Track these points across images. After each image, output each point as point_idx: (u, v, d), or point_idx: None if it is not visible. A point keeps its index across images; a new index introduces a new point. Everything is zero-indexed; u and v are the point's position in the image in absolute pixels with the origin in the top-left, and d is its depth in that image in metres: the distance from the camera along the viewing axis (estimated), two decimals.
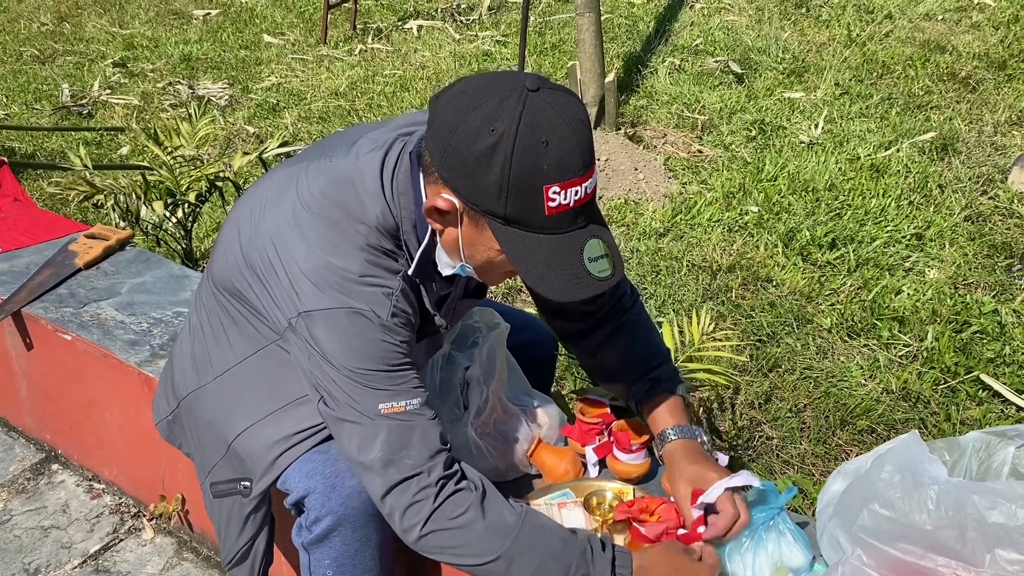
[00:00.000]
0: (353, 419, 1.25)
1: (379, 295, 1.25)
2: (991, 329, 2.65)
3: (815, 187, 3.49)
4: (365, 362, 1.24)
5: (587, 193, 1.14)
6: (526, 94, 1.10)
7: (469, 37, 5.37)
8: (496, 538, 1.24)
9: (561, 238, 1.15)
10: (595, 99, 3.98)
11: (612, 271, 1.18)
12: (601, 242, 1.18)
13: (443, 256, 1.28)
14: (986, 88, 4.49)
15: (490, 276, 1.29)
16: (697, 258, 3.06)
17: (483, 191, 1.12)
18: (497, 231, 1.15)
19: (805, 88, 4.51)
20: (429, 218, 1.22)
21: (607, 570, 1.23)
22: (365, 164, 1.28)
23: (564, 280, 1.16)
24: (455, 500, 1.23)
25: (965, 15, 5.69)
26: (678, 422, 1.46)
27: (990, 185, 3.56)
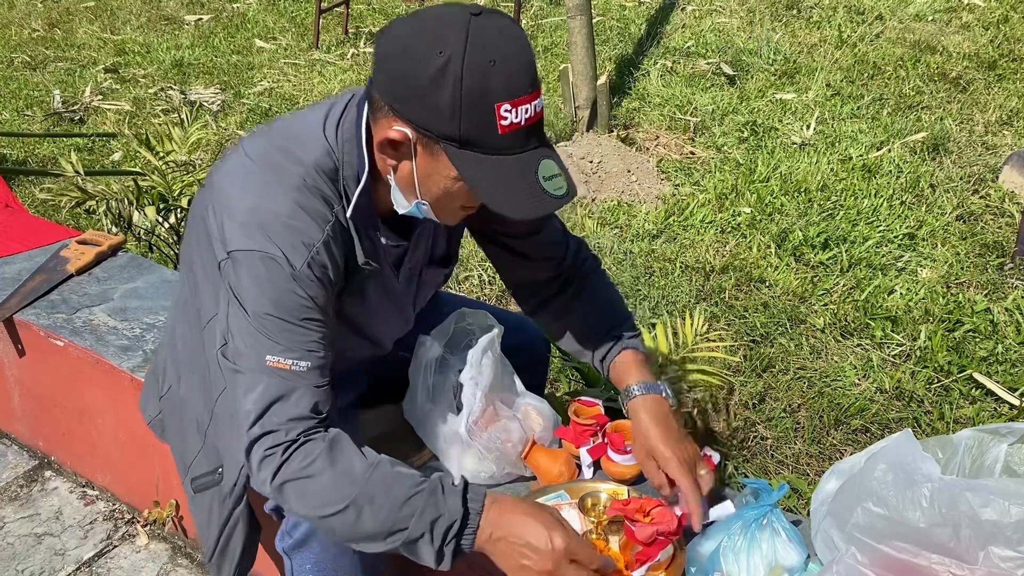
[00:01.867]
0: (241, 367, 1.25)
1: (299, 243, 1.24)
2: (983, 328, 2.66)
3: (807, 188, 3.50)
4: (267, 308, 1.23)
5: (536, 112, 1.15)
6: (469, 18, 1.12)
7: None
8: (345, 487, 1.21)
9: (516, 158, 1.16)
10: (587, 101, 3.99)
11: (567, 189, 1.19)
12: (554, 162, 1.19)
13: (399, 196, 1.27)
14: (976, 88, 4.51)
15: (446, 212, 1.28)
16: (690, 259, 3.07)
17: (436, 115, 1.13)
18: (453, 155, 1.15)
19: (797, 89, 4.53)
20: (382, 154, 1.22)
21: (458, 503, 1.21)
22: (310, 113, 1.32)
23: (523, 199, 1.17)
24: (304, 450, 1.22)
25: (955, 16, 5.72)
26: (643, 378, 1.47)
27: (981, 184, 3.57)
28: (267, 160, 1.28)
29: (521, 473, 1.62)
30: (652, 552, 1.31)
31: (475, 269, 3.02)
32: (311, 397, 1.24)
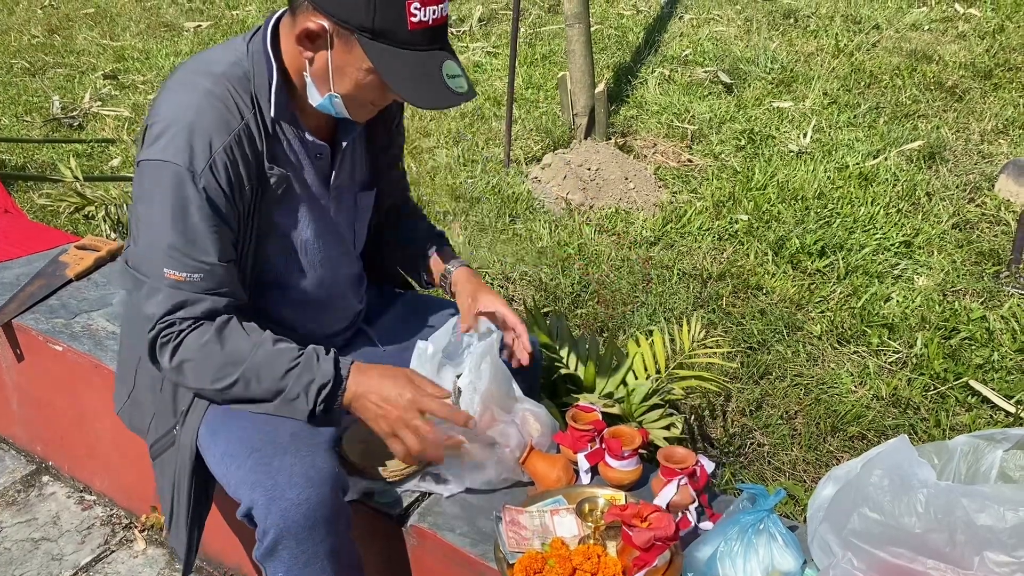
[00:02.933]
0: (142, 274, 1.36)
1: (201, 147, 1.32)
2: (979, 335, 2.67)
3: (804, 195, 3.51)
4: (165, 216, 1.32)
5: (442, 15, 1.29)
6: None
7: (460, 48, 5.39)
8: (235, 362, 1.37)
9: (423, 55, 1.28)
10: (585, 109, 4.01)
11: (467, 88, 1.32)
12: (456, 64, 1.32)
13: (312, 89, 1.36)
14: (972, 97, 4.53)
15: (357, 107, 1.38)
16: (688, 266, 3.08)
17: (353, 7, 1.24)
18: (367, 46, 1.26)
19: (794, 98, 4.55)
20: (300, 46, 1.31)
21: (330, 368, 1.38)
22: (227, 41, 1.45)
23: (430, 92, 1.29)
24: (197, 332, 1.37)
25: (951, 25, 5.75)
26: (453, 259, 1.72)
27: (977, 193, 3.59)
28: (182, 81, 1.38)
29: (519, 478, 1.62)
30: (649, 557, 1.32)
31: None
32: (208, 304, 1.37)
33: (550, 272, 3.04)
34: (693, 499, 1.49)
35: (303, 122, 1.45)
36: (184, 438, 1.50)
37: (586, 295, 2.93)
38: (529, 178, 3.76)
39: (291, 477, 1.32)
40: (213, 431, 1.45)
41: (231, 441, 1.41)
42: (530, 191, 3.63)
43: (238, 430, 1.42)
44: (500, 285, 3.00)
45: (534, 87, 4.73)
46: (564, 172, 3.72)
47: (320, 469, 1.35)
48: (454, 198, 3.57)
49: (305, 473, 1.33)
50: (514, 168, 3.84)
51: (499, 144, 4.01)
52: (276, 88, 1.38)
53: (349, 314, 1.68)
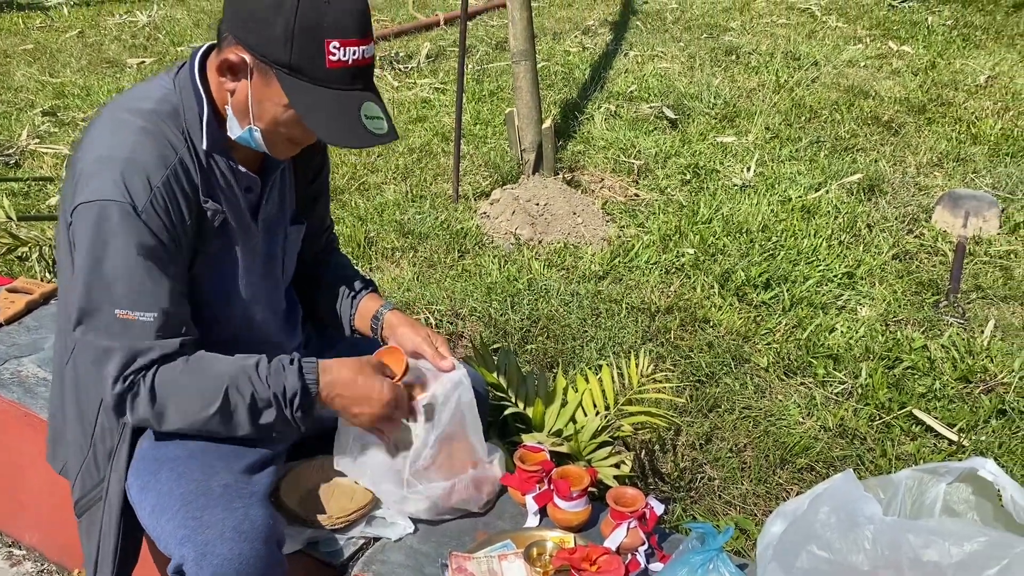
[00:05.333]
0: (92, 326, 1.31)
1: (140, 185, 1.30)
2: (921, 365, 2.71)
3: (749, 228, 3.56)
4: (111, 256, 1.29)
5: (365, 57, 1.29)
6: None
7: (408, 85, 5.40)
8: (215, 386, 1.36)
9: (342, 94, 1.29)
10: (533, 145, 4.03)
11: (388, 130, 1.33)
12: (378, 106, 1.33)
13: (233, 121, 1.36)
14: (908, 131, 4.67)
15: (277, 143, 1.38)
16: (636, 300, 3.09)
17: (271, 40, 1.25)
18: (284, 80, 1.27)
19: (737, 132, 4.63)
20: (221, 76, 1.32)
21: (296, 379, 1.39)
22: (155, 76, 1.44)
23: (345, 130, 1.29)
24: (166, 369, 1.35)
25: (886, 62, 5.95)
26: (383, 303, 1.72)
27: (915, 224, 3.68)
28: (111, 120, 1.36)
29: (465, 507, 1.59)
30: None
31: (421, 312, 3.00)
32: (160, 350, 1.33)
33: (499, 307, 3.02)
34: (643, 541, 1.47)
35: (233, 154, 1.42)
36: (112, 490, 1.44)
37: (535, 330, 2.92)
38: (478, 213, 3.75)
39: (223, 531, 1.28)
40: (143, 484, 1.40)
41: (161, 493, 1.36)
42: (479, 226, 3.63)
43: (168, 481, 1.37)
44: (449, 322, 2.97)
45: (482, 123, 4.75)
46: (513, 207, 3.72)
47: (253, 521, 1.30)
48: (402, 234, 3.54)
49: (237, 527, 1.28)
50: (463, 203, 3.83)
51: (448, 180, 4.00)
52: (207, 120, 1.37)
53: (283, 350, 1.63)
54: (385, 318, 1.68)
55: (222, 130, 1.39)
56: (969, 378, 2.66)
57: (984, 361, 2.73)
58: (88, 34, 6.44)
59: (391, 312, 1.69)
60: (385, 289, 3.13)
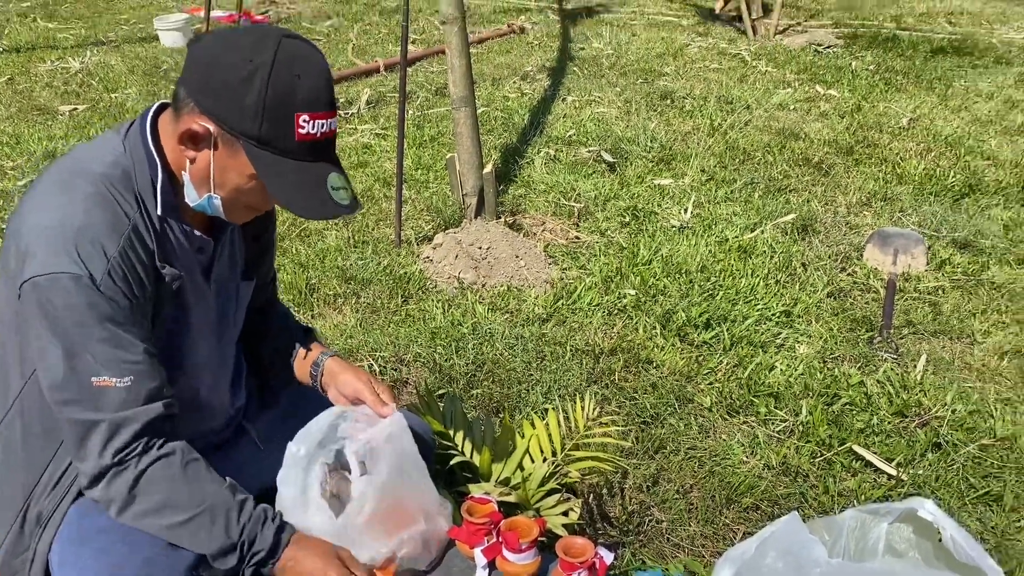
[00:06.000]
0: (69, 398, 1.27)
1: (95, 255, 1.25)
2: (859, 400, 2.77)
3: (688, 269, 3.62)
4: (77, 328, 1.24)
5: (331, 129, 1.31)
6: (281, 37, 1.26)
7: (348, 131, 5.39)
8: (195, 502, 1.33)
9: (308, 166, 1.28)
10: (474, 189, 4.05)
11: (351, 200, 1.34)
12: (342, 177, 1.34)
13: (191, 188, 1.34)
14: (837, 172, 4.83)
15: (236, 210, 1.37)
16: (580, 342, 3.10)
17: (241, 113, 1.24)
18: (251, 152, 1.26)
19: (674, 175, 4.73)
20: (182, 145, 1.29)
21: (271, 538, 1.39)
22: (101, 136, 1.39)
23: (314, 203, 1.29)
24: (163, 463, 1.32)
25: (814, 105, 6.16)
26: (323, 351, 1.72)
27: (848, 262, 3.78)
28: (58, 182, 1.31)
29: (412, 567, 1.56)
30: None
31: (365, 359, 2.96)
32: (144, 417, 1.29)
33: (444, 352, 3.00)
34: None
35: (185, 216, 1.40)
36: (38, 561, 1.37)
37: (481, 374, 2.90)
38: (421, 258, 3.74)
39: None
40: (64, 559, 1.34)
41: (82, 569, 1.30)
42: (422, 271, 3.61)
43: (89, 558, 1.31)
44: (394, 368, 2.94)
45: (424, 168, 4.77)
46: (456, 251, 3.72)
47: None
48: (345, 280, 3.51)
49: None
50: (405, 248, 3.82)
51: (390, 225, 3.99)
52: (161, 185, 1.34)
53: (229, 410, 1.60)
54: (325, 365, 1.66)
55: (175, 193, 1.36)
56: (905, 412, 2.72)
57: (918, 395, 2.80)
58: (18, 80, 6.30)
59: (331, 359, 1.67)
60: (327, 336, 3.09)
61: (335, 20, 8.95)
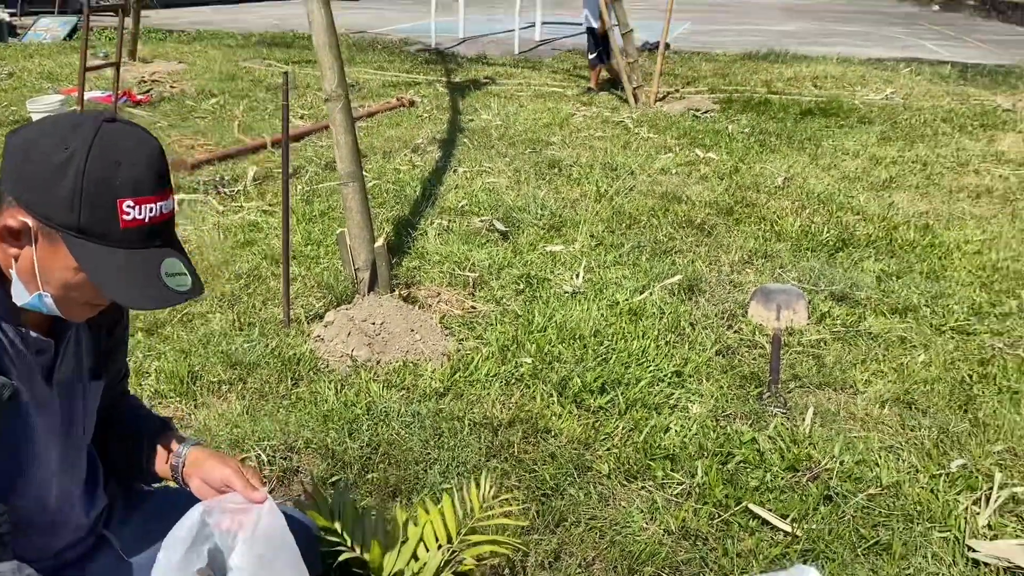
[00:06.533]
0: None
1: None
2: (752, 458, 2.82)
3: (582, 334, 3.65)
4: None
5: (163, 213, 1.24)
6: (100, 123, 1.21)
7: (234, 208, 5.28)
8: None
9: (139, 253, 1.22)
10: (367, 263, 4.00)
11: (191, 286, 1.27)
12: (180, 262, 1.27)
13: (20, 287, 1.26)
14: (719, 232, 5.01)
15: (72, 306, 1.29)
16: (478, 415, 3.06)
17: (56, 204, 1.17)
18: (72, 244, 1.19)
19: (564, 241, 4.81)
20: (3, 243, 1.22)
21: None
22: None
23: (144, 291, 1.22)
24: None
25: (694, 168, 6.42)
26: (184, 442, 1.60)
27: (734, 320, 3.90)
28: None
29: None
30: None
31: (252, 449, 2.83)
32: None
33: (337, 436, 2.91)
34: None
35: (21, 317, 1.30)
36: None
37: (376, 457, 2.82)
38: (312, 337, 3.65)
39: None
40: None
41: None
42: (313, 351, 3.52)
43: None
44: (283, 457, 2.82)
45: (314, 243, 4.69)
46: (348, 328, 3.64)
47: None
48: (230, 365, 3.37)
49: None
50: (295, 328, 3.72)
51: (278, 304, 3.89)
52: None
53: (85, 520, 1.48)
54: (187, 456, 1.55)
55: (7, 294, 1.28)
56: (796, 467, 2.78)
57: (808, 449, 2.87)
58: None
59: (193, 448, 1.56)
60: (211, 427, 2.95)
61: (220, 96, 8.85)
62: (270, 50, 13.23)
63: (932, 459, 2.84)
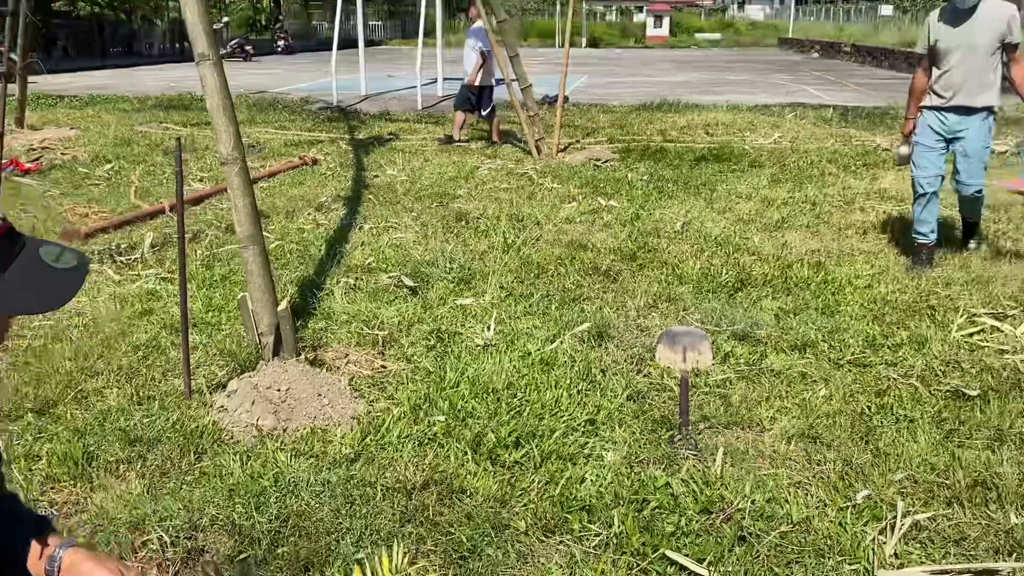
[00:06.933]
0: None
1: None
2: (667, 503, 2.83)
3: (495, 388, 3.64)
4: None
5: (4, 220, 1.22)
6: None
7: (131, 277, 5.09)
8: None
9: (16, 264, 1.21)
10: (271, 328, 3.90)
11: (78, 258, 1.25)
12: (51, 246, 1.26)
13: None
14: (624, 278, 5.11)
15: None
16: (391, 480, 2.99)
17: None
18: None
19: (474, 293, 4.81)
20: None
21: None
22: None
23: (49, 288, 1.21)
24: None
25: (597, 216, 6.55)
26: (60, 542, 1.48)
27: (643, 364, 3.95)
28: None
29: None
30: None
31: (152, 531, 2.69)
32: None
33: (244, 511, 2.79)
34: None
35: None
36: None
37: (286, 530, 2.71)
38: (215, 408, 3.51)
39: None
40: None
41: None
42: (216, 422, 3.39)
43: None
44: (187, 536, 2.68)
45: (215, 310, 4.56)
46: (252, 397, 3.53)
47: None
48: (129, 443, 3.21)
49: None
50: (197, 399, 3.58)
51: (179, 375, 3.74)
52: None
53: None
54: (61, 561, 1.44)
55: None
56: (710, 509, 2.81)
57: (720, 490, 2.91)
58: None
59: (70, 551, 1.46)
60: (109, 510, 2.79)
61: (115, 162, 8.60)
62: (167, 113, 12.98)
63: (839, 492, 2.91)
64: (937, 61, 5.08)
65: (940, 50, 5.02)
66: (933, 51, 5.07)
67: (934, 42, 5.05)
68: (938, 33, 5.02)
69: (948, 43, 4.98)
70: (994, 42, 4.90)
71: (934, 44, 5.05)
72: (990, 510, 2.79)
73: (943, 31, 5.00)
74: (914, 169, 5.28)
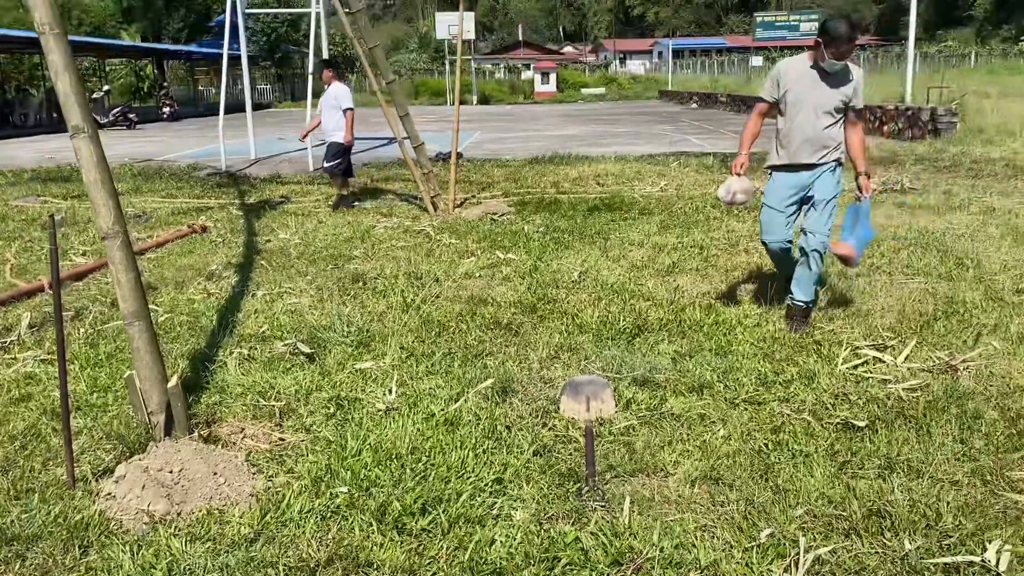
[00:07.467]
0: None
1: None
2: (577, 558, 2.82)
3: (399, 453, 3.56)
4: None
5: None
6: None
7: (8, 361, 4.79)
8: None
9: None
10: (161, 406, 3.73)
11: None
12: None
13: None
14: (526, 330, 5.13)
15: None
16: (293, 559, 2.87)
17: None
18: None
19: (374, 356, 4.73)
20: None
21: None
22: None
23: None
24: None
25: (497, 270, 6.59)
26: None
27: (547, 417, 3.96)
28: None
29: None
30: None
31: None
32: None
33: None
34: None
35: None
36: None
37: None
38: (101, 496, 3.31)
39: None
40: None
41: None
42: (103, 512, 3.19)
43: None
44: None
45: (101, 390, 4.33)
46: (143, 481, 3.34)
47: None
48: (5, 542, 2.99)
49: None
50: (81, 488, 3.36)
51: (61, 463, 3.52)
52: None
53: None
54: None
55: None
56: (620, 560, 2.81)
57: (629, 540, 2.91)
58: None
59: None
60: None
61: None
62: (45, 185, 12.45)
63: (743, 532, 2.96)
64: (785, 112, 4.96)
65: (789, 102, 4.91)
66: (781, 103, 4.97)
67: (783, 94, 4.94)
68: (788, 85, 4.90)
69: (799, 97, 4.87)
70: (841, 104, 4.84)
71: (783, 95, 4.94)
72: (885, 538, 2.89)
73: (795, 85, 4.88)
74: (762, 233, 5.22)
